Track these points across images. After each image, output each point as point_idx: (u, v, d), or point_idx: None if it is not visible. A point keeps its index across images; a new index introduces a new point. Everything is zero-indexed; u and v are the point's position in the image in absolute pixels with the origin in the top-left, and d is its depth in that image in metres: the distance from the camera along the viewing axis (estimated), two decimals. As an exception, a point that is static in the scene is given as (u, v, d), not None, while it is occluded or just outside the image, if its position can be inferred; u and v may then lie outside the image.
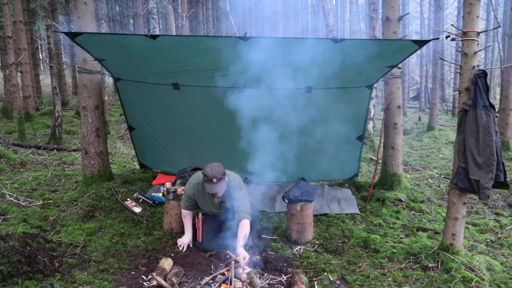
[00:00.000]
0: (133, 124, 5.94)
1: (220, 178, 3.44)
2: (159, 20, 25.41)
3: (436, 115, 12.39)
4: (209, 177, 3.43)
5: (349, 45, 3.78)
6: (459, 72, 3.42)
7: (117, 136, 10.81)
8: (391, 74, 5.18)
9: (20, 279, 3.10)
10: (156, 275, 3.12)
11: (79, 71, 5.40)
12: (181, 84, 5.05)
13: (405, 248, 3.81)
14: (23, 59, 10.37)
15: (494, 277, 3.32)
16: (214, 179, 3.42)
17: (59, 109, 8.96)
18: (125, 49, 4.16)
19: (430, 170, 7.22)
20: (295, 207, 4.05)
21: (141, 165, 6.54)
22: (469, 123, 3.25)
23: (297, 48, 3.85)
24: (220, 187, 3.49)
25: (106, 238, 4.11)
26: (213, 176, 3.42)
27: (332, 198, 5.33)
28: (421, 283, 3.25)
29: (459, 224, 3.51)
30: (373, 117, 9.57)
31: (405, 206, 5.06)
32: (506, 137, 8.25)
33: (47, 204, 5.02)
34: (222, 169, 3.49)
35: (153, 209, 4.97)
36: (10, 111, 11.45)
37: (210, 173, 3.43)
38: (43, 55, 24.33)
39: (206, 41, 4.44)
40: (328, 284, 3.26)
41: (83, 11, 5.18)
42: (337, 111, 5.24)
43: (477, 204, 5.21)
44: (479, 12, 3.34)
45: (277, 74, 4.28)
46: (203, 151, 5.89)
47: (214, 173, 3.42)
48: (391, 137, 5.40)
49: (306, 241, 4.06)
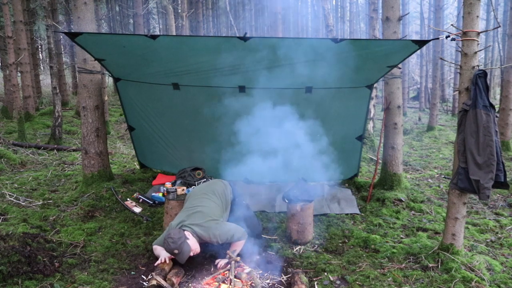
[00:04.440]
0: (133, 124, 5.94)
1: (179, 244, 3.22)
2: (159, 20, 25.41)
3: (436, 115, 12.38)
4: (170, 252, 3.27)
5: (349, 45, 3.78)
6: (459, 72, 3.42)
7: (117, 136, 10.81)
8: (391, 74, 5.18)
9: (20, 279, 3.10)
10: (156, 275, 3.12)
11: (79, 71, 5.40)
12: (181, 84, 5.05)
13: (405, 248, 3.81)
14: (23, 59, 10.36)
15: (494, 277, 3.32)
16: (175, 251, 3.23)
17: (59, 109, 8.96)
18: (125, 49, 4.16)
19: (430, 170, 7.22)
20: (295, 207, 4.05)
21: (141, 165, 6.54)
22: (469, 123, 3.25)
23: (297, 48, 3.85)
24: (186, 251, 3.25)
25: (106, 238, 4.11)
26: (173, 249, 3.23)
27: (332, 198, 5.33)
28: (421, 283, 3.25)
29: (459, 224, 3.51)
30: (373, 117, 9.57)
31: (405, 206, 5.06)
32: (506, 137, 8.25)
33: (47, 204, 5.02)
34: (176, 234, 3.26)
35: (153, 209, 4.97)
36: (10, 111, 11.45)
37: (168, 247, 3.24)
38: (43, 55, 24.33)
39: (206, 41, 4.44)
40: (328, 284, 3.26)
41: (83, 11, 5.18)
42: (337, 111, 5.24)
43: (477, 204, 5.21)
44: (479, 12, 3.34)
45: (277, 74, 4.28)
46: (203, 151, 5.89)
47: (171, 246, 3.22)
48: (391, 137, 5.40)
49: (306, 241, 4.06)
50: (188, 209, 3.63)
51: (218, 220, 3.54)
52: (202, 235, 3.40)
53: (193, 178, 5.23)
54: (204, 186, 4.06)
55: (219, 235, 3.41)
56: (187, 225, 3.42)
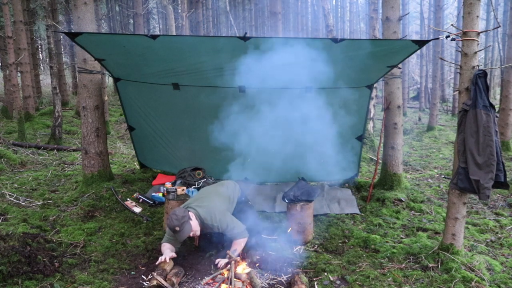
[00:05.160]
0: (133, 124, 5.94)
1: (182, 222, 3.31)
2: (159, 20, 25.42)
3: (436, 115, 12.39)
4: (171, 228, 3.33)
5: (349, 45, 3.78)
6: (459, 72, 3.42)
7: (117, 136, 10.81)
8: (391, 74, 5.18)
9: (20, 279, 3.10)
10: (156, 275, 3.12)
11: (79, 71, 5.40)
12: (181, 84, 5.05)
13: (405, 248, 3.81)
14: (23, 59, 10.37)
15: (494, 277, 3.32)
16: (177, 228, 3.30)
17: (59, 109, 8.96)
18: (125, 49, 4.16)
19: (430, 170, 7.22)
20: (295, 207, 4.05)
21: (141, 165, 6.54)
22: (469, 123, 3.25)
23: (297, 48, 3.85)
24: (186, 230, 3.35)
25: (106, 238, 4.11)
26: (174, 226, 3.30)
27: (332, 198, 5.33)
28: (421, 283, 3.25)
29: (459, 224, 3.51)
30: (373, 117, 9.57)
31: (405, 206, 5.06)
32: (506, 137, 8.25)
33: (47, 204, 5.02)
34: (181, 212, 3.37)
35: (153, 209, 4.97)
36: (10, 111, 11.45)
37: (171, 223, 3.32)
38: (43, 55, 24.33)
39: (206, 41, 4.44)
40: (328, 284, 3.26)
41: (83, 11, 5.18)
42: (337, 111, 5.23)
43: (477, 204, 5.21)
44: (479, 12, 3.34)
45: (277, 74, 4.28)
46: (203, 151, 5.89)
47: (174, 222, 3.30)
48: (391, 137, 5.40)
49: (306, 241, 4.06)
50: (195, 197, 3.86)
51: (222, 209, 3.68)
52: (205, 218, 3.51)
53: (193, 178, 5.23)
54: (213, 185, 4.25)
55: (220, 220, 3.53)
56: (192, 206, 3.58)
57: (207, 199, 3.73)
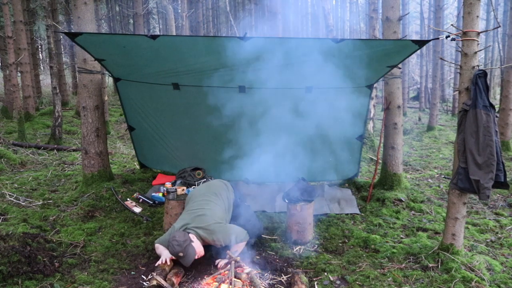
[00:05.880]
0: (133, 124, 5.94)
1: (185, 247, 3.21)
2: (159, 20, 25.41)
3: (436, 115, 12.38)
4: (175, 254, 3.23)
5: (349, 45, 3.78)
6: (459, 72, 3.42)
7: (117, 136, 10.81)
8: (391, 74, 5.18)
9: (20, 279, 3.10)
10: (156, 275, 3.12)
11: (79, 71, 5.40)
12: (181, 84, 5.05)
13: (405, 248, 3.81)
14: (23, 59, 10.37)
15: (494, 277, 3.32)
16: (180, 254, 3.20)
17: (59, 109, 8.96)
18: (125, 49, 4.16)
19: (430, 170, 7.22)
20: (295, 207, 4.05)
21: (141, 165, 6.54)
22: (469, 123, 3.25)
23: (297, 48, 3.85)
24: (191, 254, 3.26)
25: (106, 238, 4.11)
26: (177, 252, 3.20)
27: (332, 198, 5.33)
28: (421, 283, 3.25)
29: (459, 224, 3.51)
30: (373, 117, 9.57)
31: (405, 206, 5.06)
32: (506, 137, 8.25)
33: (47, 204, 5.02)
34: (181, 236, 3.25)
35: (153, 209, 4.97)
36: (10, 111, 11.45)
37: (173, 250, 3.20)
38: (43, 55, 24.33)
39: (206, 41, 4.44)
40: (328, 284, 3.26)
41: (83, 11, 5.18)
42: (337, 111, 5.23)
43: (477, 204, 5.21)
44: (479, 12, 3.34)
45: (277, 74, 4.28)
46: (203, 151, 5.89)
47: (176, 248, 3.19)
48: (391, 137, 5.40)
49: (306, 241, 4.06)
50: (192, 212, 3.63)
51: (221, 223, 3.55)
52: (206, 238, 3.42)
53: (193, 178, 5.23)
54: (205, 187, 4.05)
55: (223, 238, 3.44)
56: (191, 228, 3.44)
57: (204, 214, 3.56)
